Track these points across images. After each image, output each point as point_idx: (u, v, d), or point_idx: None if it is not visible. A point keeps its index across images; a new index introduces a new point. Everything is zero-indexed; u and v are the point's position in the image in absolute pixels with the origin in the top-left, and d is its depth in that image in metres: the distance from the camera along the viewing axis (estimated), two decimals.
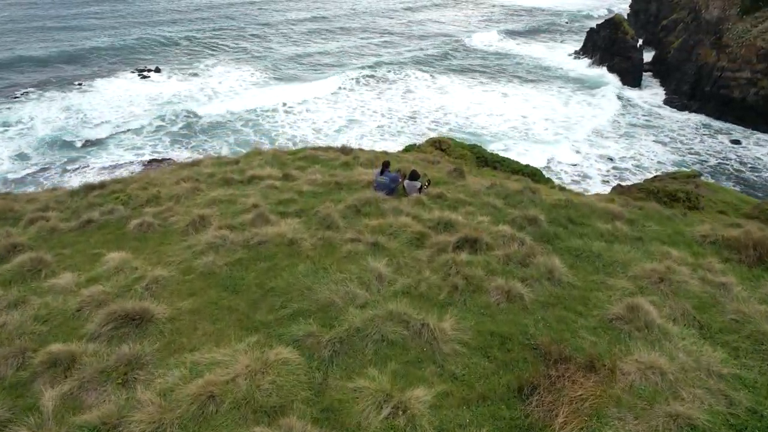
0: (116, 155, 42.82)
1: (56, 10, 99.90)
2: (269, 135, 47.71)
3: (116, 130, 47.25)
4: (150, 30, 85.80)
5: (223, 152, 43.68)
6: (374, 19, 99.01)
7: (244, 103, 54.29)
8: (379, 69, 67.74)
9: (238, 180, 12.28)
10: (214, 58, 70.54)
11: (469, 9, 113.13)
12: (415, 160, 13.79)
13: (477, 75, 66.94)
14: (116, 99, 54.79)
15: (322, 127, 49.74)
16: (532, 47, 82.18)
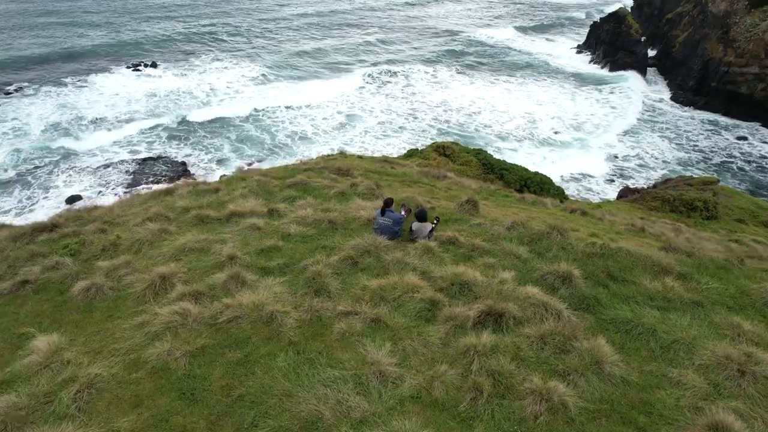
0: (111, 152, 41.83)
1: (51, 4, 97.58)
2: (269, 130, 46.21)
3: (111, 127, 46.10)
4: (146, 24, 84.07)
5: (225, 150, 42.29)
6: (375, 14, 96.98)
7: (243, 100, 52.87)
8: (380, 66, 66.03)
9: (215, 217, 10.05)
10: (211, 53, 68.98)
11: (472, 3, 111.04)
12: (418, 182, 11.92)
13: (480, 70, 65.46)
14: (112, 95, 53.53)
15: (321, 123, 48.14)
16: (535, 41, 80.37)
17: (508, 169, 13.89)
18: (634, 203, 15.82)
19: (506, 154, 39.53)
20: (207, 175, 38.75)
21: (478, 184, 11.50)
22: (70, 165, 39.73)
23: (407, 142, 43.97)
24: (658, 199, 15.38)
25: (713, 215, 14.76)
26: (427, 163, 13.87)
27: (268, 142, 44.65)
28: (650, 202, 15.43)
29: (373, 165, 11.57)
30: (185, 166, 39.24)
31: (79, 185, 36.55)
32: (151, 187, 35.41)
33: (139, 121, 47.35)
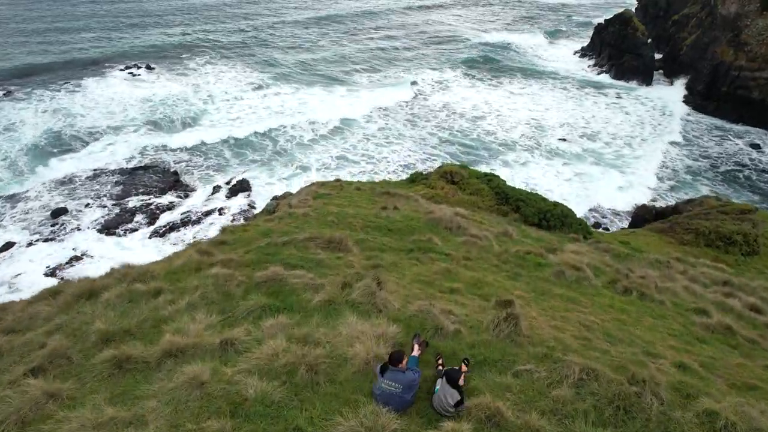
0: (102, 161, 40.22)
1: (43, 8, 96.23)
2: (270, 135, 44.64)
3: (104, 133, 44.67)
4: (141, 27, 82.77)
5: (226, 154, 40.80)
6: (375, 18, 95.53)
7: (240, 107, 51.05)
8: (382, 70, 64.59)
9: (143, 358, 6.28)
10: (208, 56, 67.46)
11: (474, 9, 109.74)
12: (430, 249, 8.86)
13: (482, 73, 63.97)
14: (106, 100, 52.10)
15: (321, 128, 46.64)
16: (538, 44, 78.84)
17: (525, 200, 12.36)
18: (663, 235, 14.30)
19: (515, 169, 38.05)
20: (202, 185, 37.35)
21: (500, 227, 9.89)
22: (59, 174, 38.30)
23: (410, 150, 42.46)
24: (691, 231, 13.83)
25: (754, 250, 13.26)
26: (434, 194, 12.36)
27: (270, 148, 43.17)
28: (682, 235, 13.91)
29: (372, 205, 9.94)
30: (177, 176, 37.73)
31: (67, 196, 35.04)
32: (141, 200, 33.97)
33: (133, 127, 45.90)
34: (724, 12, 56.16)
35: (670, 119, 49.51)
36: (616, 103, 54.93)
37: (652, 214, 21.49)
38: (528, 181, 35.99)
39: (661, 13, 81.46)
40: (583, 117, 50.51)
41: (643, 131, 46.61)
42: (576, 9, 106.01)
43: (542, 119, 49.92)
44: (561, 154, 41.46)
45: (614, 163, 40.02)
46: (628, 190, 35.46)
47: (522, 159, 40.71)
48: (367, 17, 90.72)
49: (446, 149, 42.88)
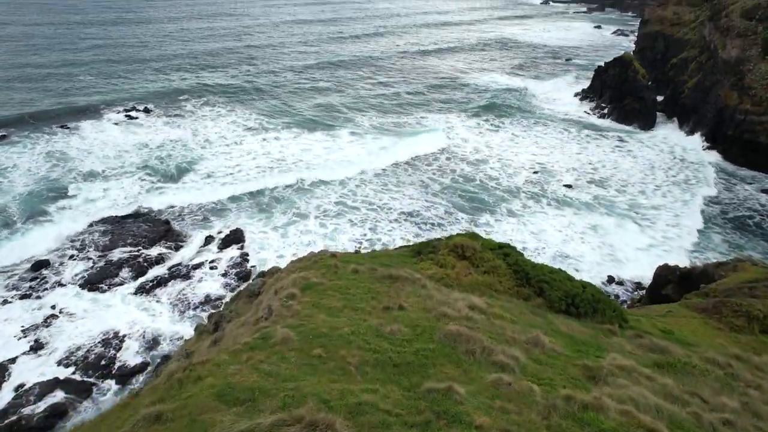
0: (93, 208, 38.73)
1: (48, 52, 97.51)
2: None
3: (97, 180, 43.50)
4: (139, 69, 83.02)
5: (221, 201, 39.11)
6: (381, 65, 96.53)
7: (239, 152, 49.84)
8: (381, 111, 64.05)
9: None
10: (207, 99, 67.08)
11: (473, 53, 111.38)
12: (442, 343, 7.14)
13: (482, 115, 63.13)
14: (101, 144, 51.18)
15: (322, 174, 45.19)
16: (538, 86, 78.84)
17: (549, 281, 10.67)
18: (707, 318, 12.50)
19: (522, 219, 36.36)
20: (195, 234, 35.72)
21: (526, 329, 8.06)
22: (46, 220, 36.80)
23: (410, 197, 40.95)
24: (742, 315, 12.03)
25: None
26: (444, 274, 10.67)
27: (267, 193, 41.71)
28: (731, 318, 12.11)
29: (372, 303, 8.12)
30: (168, 225, 36.05)
31: (52, 245, 33.27)
32: (128, 251, 32.28)
33: (127, 173, 44.69)
34: (725, 56, 55.92)
35: (681, 165, 48.18)
36: (620, 147, 53.89)
37: (675, 275, 19.65)
38: (538, 234, 34.30)
39: (659, 57, 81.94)
40: (589, 161, 49.30)
41: (655, 177, 45.08)
42: (573, 52, 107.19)
43: (546, 163, 48.71)
44: (569, 202, 39.78)
45: (629, 214, 37.86)
46: (651, 248, 32.99)
47: (529, 208, 38.97)
48: (366, 63, 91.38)
49: (448, 196, 41.41)
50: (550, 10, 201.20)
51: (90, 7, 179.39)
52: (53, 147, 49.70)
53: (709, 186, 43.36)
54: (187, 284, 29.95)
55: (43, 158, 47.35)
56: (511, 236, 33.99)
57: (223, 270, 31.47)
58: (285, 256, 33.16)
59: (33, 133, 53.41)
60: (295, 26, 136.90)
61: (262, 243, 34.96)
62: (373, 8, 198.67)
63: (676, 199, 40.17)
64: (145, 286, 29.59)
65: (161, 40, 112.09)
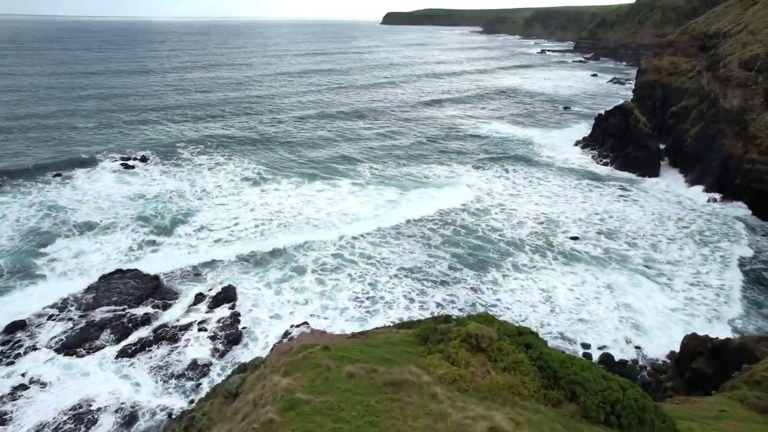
0: (82, 261, 36.99)
1: (50, 104, 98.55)
2: (262, 232, 41.33)
3: (90, 232, 41.97)
4: (141, 120, 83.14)
5: (215, 255, 37.36)
6: (381, 116, 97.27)
7: (236, 204, 48.42)
8: (386, 163, 63.38)
9: None
10: (204, 147, 66.57)
11: (472, 103, 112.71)
12: None
13: (483, 164, 62.30)
14: (97, 195, 50.01)
15: (319, 218, 43.66)
16: (538, 135, 78.70)
17: (581, 383, 8.84)
18: None
19: (532, 275, 34.47)
20: (185, 291, 33.82)
21: None
22: (29, 276, 35.00)
23: (410, 251, 39.18)
24: None
25: None
26: (458, 374, 8.90)
27: (264, 248, 39.92)
28: None
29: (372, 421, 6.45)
30: (158, 281, 34.17)
31: (30, 304, 31.29)
32: (113, 310, 30.33)
33: (120, 225, 43.19)
34: (727, 106, 55.60)
35: (692, 215, 46.66)
36: (625, 196, 52.65)
37: (707, 347, 17.71)
38: (548, 293, 32.29)
39: (657, 105, 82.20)
40: (594, 211, 47.90)
41: (666, 229, 43.32)
42: (572, 100, 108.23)
43: (550, 213, 47.29)
44: (578, 257, 37.95)
45: (644, 270, 35.43)
46: (675, 311, 30.26)
47: (535, 263, 37.08)
48: (366, 113, 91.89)
49: (451, 249, 39.72)
50: (547, 59, 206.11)
51: (95, 58, 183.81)
52: (45, 197, 48.48)
53: (728, 240, 41.08)
54: (173, 348, 27.81)
55: (33, 209, 46.04)
56: (520, 296, 32.07)
57: (213, 332, 29.39)
58: (280, 316, 31.22)
59: (26, 182, 52.51)
60: (295, 76, 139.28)
61: (256, 300, 33.01)
62: (373, 58, 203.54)
63: (693, 254, 38.04)
64: (128, 350, 27.44)
65: (162, 89, 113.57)
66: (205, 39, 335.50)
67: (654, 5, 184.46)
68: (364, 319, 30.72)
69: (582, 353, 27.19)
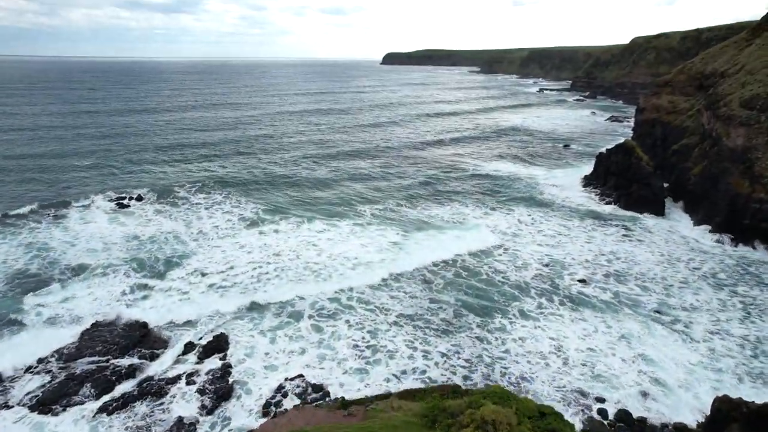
0: (67, 308, 35.26)
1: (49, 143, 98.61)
2: (259, 278, 39.76)
3: (83, 276, 40.32)
4: (138, 159, 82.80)
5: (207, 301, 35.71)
6: (382, 157, 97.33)
7: (233, 247, 46.92)
8: (386, 203, 62.46)
9: None
10: (201, 186, 65.59)
11: (472, 143, 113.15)
12: None
13: (484, 203, 61.27)
14: (89, 236, 48.75)
15: (319, 262, 42.12)
16: (540, 173, 78.14)
17: None
18: None
19: (540, 322, 32.67)
20: (175, 340, 32.10)
21: None
22: (11, 323, 33.32)
23: (411, 296, 37.56)
24: None
25: None
26: None
27: (262, 290, 38.35)
28: None
29: None
30: (146, 328, 32.47)
31: (10, 354, 29.50)
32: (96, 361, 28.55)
33: (111, 267, 41.73)
34: (731, 144, 55.05)
35: (703, 256, 45.21)
36: (630, 236, 51.37)
37: (742, 413, 16.00)
38: (560, 343, 30.45)
39: (658, 143, 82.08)
40: (600, 252, 46.52)
41: (677, 270, 41.73)
42: (571, 138, 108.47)
43: (555, 254, 45.90)
44: (587, 301, 36.27)
45: (659, 317, 33.36)
46: (698, 366, 27.78)
47: (543, 308, 35.37)
48: (366, 152, 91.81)
49: (453, 293, 38.13)
50: (546, 98, 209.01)
51: (98, 97, 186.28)
52: (35, 238, 47.18)
53: (745, 283, 39.27)
54: (158, 404, 25.89)
55: (22, 250, 44.69)
56: (530, 346, 30.27)
57: (202, 385, 27.51)
58: (275, 367, 29.40)
59: (18, 221, 51.34)
60: (295, 115, 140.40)
61: (249, 349, 31.23)
62: (373, 97, 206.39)
63: (709, 299, 36.25)
64: (108, 406, 25.52)
65: (161, 128, 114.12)
66: (207, 78, 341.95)
67: (648, 46, 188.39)
68: (364, 370, 28.88)
69: (597, 408, 25.31)
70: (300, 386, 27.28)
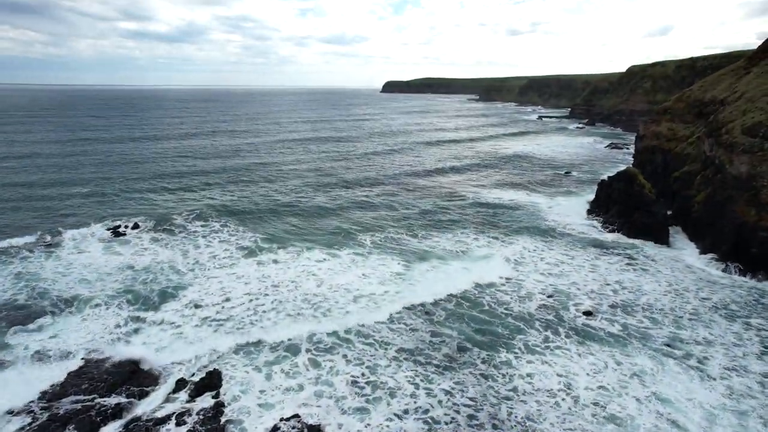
0: (55, 344, 33.95)
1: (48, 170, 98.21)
2: (256, 310, 38.50)
3: (74, 309, 39.07)
4: (136, 183, 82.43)
5: (201, 335, 34.44)
6: (383, 185, 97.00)
7: (230, 278, 45.79)
8: (386, 232, 61.51)
9: None
10: (202, 216, 64.82)
11: (477, 169, 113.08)
12: None
13: (485, 231, 60.35)
14: (82, 266, 47.72)
15: (318, 294, 40.94)
16: (540, 200, 77.46)
17: None
18: None
19: (546, 357, 31.15)
20: (166, 376, 30.76)
21: None
22: None
23: (412, 327, 36.30)
24: None
25: None
26: None
27: (258, 324, 37.01)
28: None
29: None
30: (136, 364, 31.13)
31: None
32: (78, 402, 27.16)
33: (103, 299, 40.54)
34: (735, 172, 54.52)
35: (712, 286, 44.02)
36: (634, 265, 50.30)
37: None
38: (569, 380, 29.03)
39: (659, 170, 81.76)
40: (605, 281, 45.38)
41: (686, 301, 40.45)
42: (572, 165, 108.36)
43: (558, 284, 44.76)
44: (594, 334, 34.94)
45: (671, 352, 31.72)
46: (721, 410, 26.13)
47: (549, 342, 33.99)
48: (366, 181, 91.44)
49: (455, 325, 36.88)
50: (545, 125, 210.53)
51: (100, 125, 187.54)
52: (26, 268, 46.07)
53: (758, 315, 37.65)
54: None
55: (11, 280, 43.53)
56: (537, 383, 28.88)
57: (192, 426, 26.09)
58: (271, 405, 27.98)
59: (9, 250, 50.32)
60: (295, 143, 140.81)
61: (244, 386, 29.84)
62: (373, 125, 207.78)
63: (723, 332, 34.74)
64: None
65: (160, 155, 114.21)
66: (208, 106, 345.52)
67: (644, 74, 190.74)
68: (364, 410, 27.45)
69: None
70: (296, 427, 25.86)
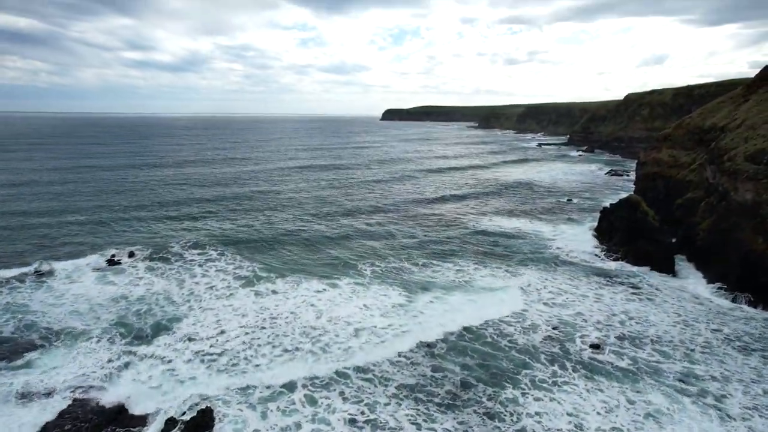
0: (43, 381, 32.43)
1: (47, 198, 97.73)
2: (253, 347, 37.18)
3: (62, 343, 37.62)
4: (133, 211, 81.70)
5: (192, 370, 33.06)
6: (384, 213, 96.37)
7: (226, 310, 44.39)
8: (387, 261, 60.48)
9: None
10: (199, 244, 63.83)
11: (477, 197, 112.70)
12: None
13: (487, 260, 59.27)
14: (74, 297, 46.50)
15: (317, 326, 39.55)
16: (542, 227, 76.57)
17: None
18: None
19: (554, 393, 29.84)
20: (154, 418, 29.27)
21: None
22: None
23: (413, 362, 34.88)
24: None
25: None
26: None
27: (254, 361, 35.58)
28: None
29: None
30: (124, 405, 29.66)
31: None
32: None
33: (96, 333, 39.15)
34: (740, 199, 53.79)
35: (722, 317, 42.68)
36: (639, 294, 49.07)
37: None
38: (580, 419, 27.49)
39: (661, 197, 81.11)
40: (611, 312, 44.08)
41: (697, 333, 39.02)
42: (573, 192, 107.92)
43: (563, 315, 43.47)
44: (601, 368, 33.50)
45: (685, 388, 30.18)
46: None
47: (557, 377, 32.59)
48: (366, 209, 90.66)
49: (457, 359, 35.48)
50: (545, 153, 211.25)
51: (102, 151, 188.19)
52: (14, 299, 44.81)
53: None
54: None
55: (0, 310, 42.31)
56: (548, 422, 27.36)
57: None
58: None
59: None
60: (294, 172, 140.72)
61: (237, 425, 28.36)
62: (373, 153, 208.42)
63: (740, 366, 33.20)
64: None
65: (158, 183, 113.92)
66: (209, 134, 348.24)
67: (642, 102, 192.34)
68: None
69: None
70: None
